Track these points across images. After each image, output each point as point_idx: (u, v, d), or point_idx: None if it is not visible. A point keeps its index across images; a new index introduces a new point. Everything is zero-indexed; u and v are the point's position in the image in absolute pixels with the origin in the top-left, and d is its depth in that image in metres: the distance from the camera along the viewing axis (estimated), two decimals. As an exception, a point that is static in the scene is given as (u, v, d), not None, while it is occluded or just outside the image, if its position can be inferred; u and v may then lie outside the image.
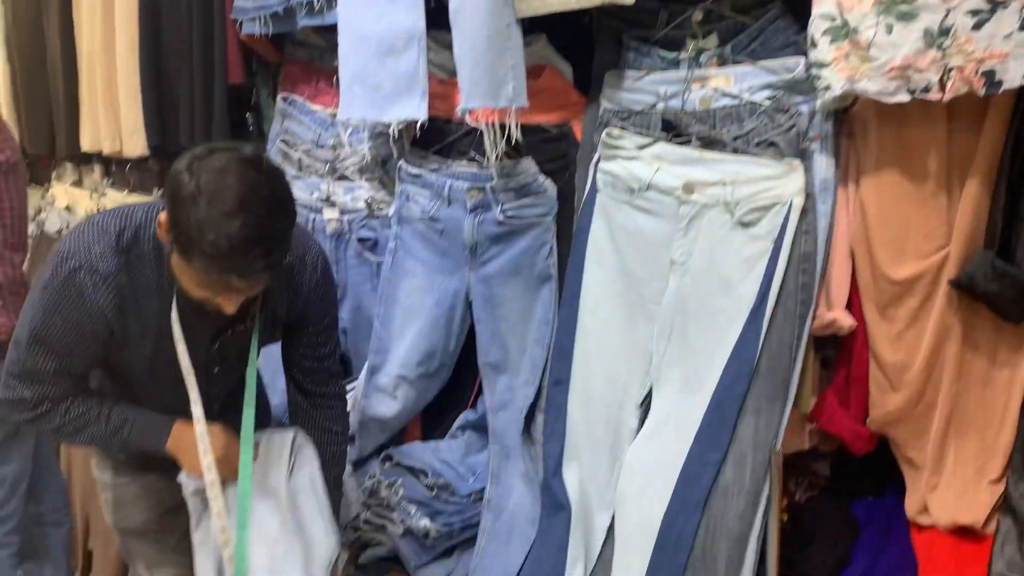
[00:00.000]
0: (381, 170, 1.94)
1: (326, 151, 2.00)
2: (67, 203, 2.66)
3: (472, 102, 1.54)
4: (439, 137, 1.81)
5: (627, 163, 1.54)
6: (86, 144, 2.41)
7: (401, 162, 1.83)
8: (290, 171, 2.01)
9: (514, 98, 1.53)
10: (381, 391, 1.90)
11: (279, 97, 2.08)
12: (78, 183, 2.67)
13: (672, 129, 1.50)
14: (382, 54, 1.72)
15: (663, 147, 1.50)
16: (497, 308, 1.77)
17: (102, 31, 2.30)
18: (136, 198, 2.45)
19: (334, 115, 1.91)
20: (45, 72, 2.54)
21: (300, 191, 1.98)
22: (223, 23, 2.07)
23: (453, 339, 1.85)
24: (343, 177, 1.98)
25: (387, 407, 1.90)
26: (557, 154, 1.70)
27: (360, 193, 1.95)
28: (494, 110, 1.56)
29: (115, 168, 2.53)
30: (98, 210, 2.52)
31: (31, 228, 2.43)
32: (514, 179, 1.69)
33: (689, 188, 1.46)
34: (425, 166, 1.79)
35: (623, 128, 1.55)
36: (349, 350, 2.06)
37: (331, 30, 1.81)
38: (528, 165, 1.68)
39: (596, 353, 1.62)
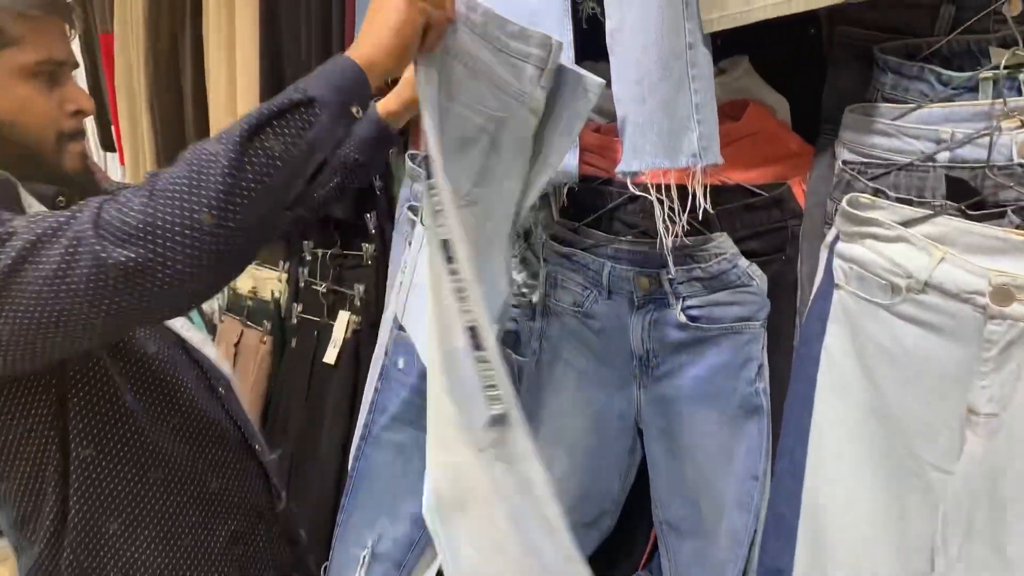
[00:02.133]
0: (524, 245, 1.50)
1: (460, 220, 1.58)
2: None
3: (637, 162, 1.05)
4: (596, 203, 1.33)
5: (885, 247, 0.97)
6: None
7: (546, 236, 1.38)
8: (416, 245, 1.61)
9: (701, 153, 1.02)
10: (523, 539, 1.43)
11: (407, 154, 1.70)
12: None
13: (967, 195, 0.92)
14: (519, 96, 1.27)
15: (950, 223, 0.92)
16: (679, 445, 1.25)
17: (226, 91, 2.07)
18: (265, 271, 2.19)
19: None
20: (184, 136, 2.37)
21: (428, 270, 1.57)
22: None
23: (618, 480, 1.35)
24: (479, 253, 1.55)
25: (531, 561, 1.43)
26: (768, 228, 1.16)
27: (496, 276, 1.51)
28: (671, 171, 1.06)
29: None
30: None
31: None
32: (702, 264, 1.17)
33: (1004, 294, 0.87)
34: (577, 242, 1.32)
35: (877, 192, 1.00)
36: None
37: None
38: (724, 244, 1.16)
39: (838, 535, 1.05)
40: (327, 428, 1.84)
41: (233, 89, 2.04)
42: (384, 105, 1.19)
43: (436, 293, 0.94)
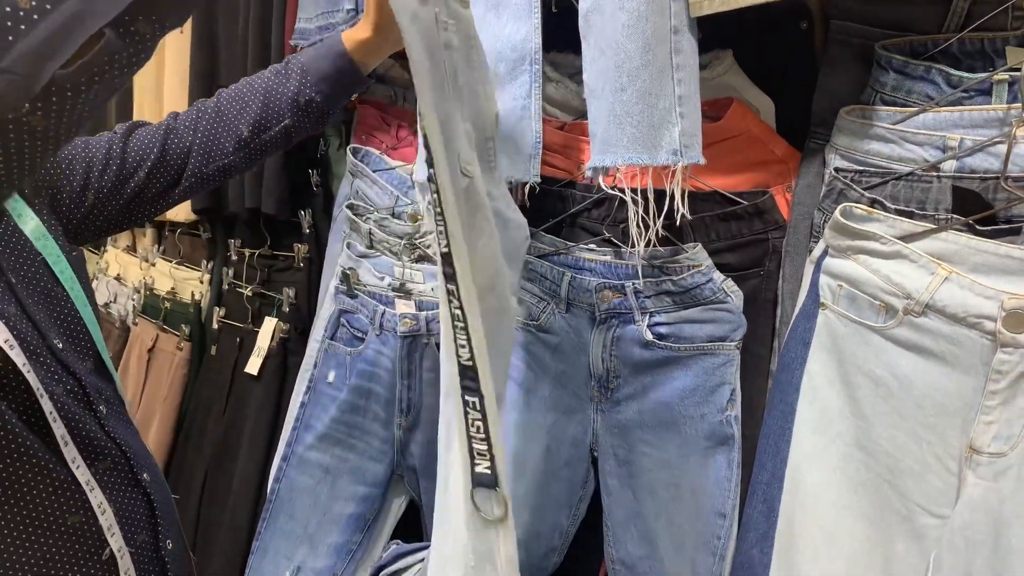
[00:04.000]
0: (474, 251, 1.37)
1: (404, 222, 1.45)
2: (118, 272, 2.26)
3: (611, 156, 0.93)
4: (557, 207, 1.21)
5: (881, 264, 0.88)
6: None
7: (500, 243, 1.25)
8: (357, 247, 1.47)
9: (682, 150, 0.91)
10: (460, 575, 1.28)
11: (348, 149, 1.56)
12: (131, 248, 2.27)
13: (976, 208, 0.83)
14: (478, 86, 1.14)
15: (957, 240, 0.83)
16: (638, 477, 1.13)
17: (154, 73, 1.89)
18: (185, 271, 2.00)
19: (419, 172, 1.37)
20: (104, 120, 2.17)
21: (368, 275, 1.44)
22: (281, 56, 1.59)
23: (567, 513, 1.22)
24: (424, 258, 1.42)
25: (467, 601, 1.29)
26: (747, 240, 1.05)
27: (443, 283, 1.37)
28: (646, 169, 0.95)
29: (167, 233, 2.10)
30: (146, 282, 2.10)
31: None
32: (674, 277, 1.06)
33: (1018, 319, 0.78)
34: (534, 249, 1.20)
35: (873, 203, 0.90)
36: (424, 507, 1.47)
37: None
38: (698, 256, 1.05)
39: (813, 583, 0.94)
40: (246, 445, 1.66)
41: (161, 68, 1.87)
42: (353, 35, 0.97)
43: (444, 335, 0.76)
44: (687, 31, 0.91)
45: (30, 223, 0.87)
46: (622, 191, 0.94)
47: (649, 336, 1.08)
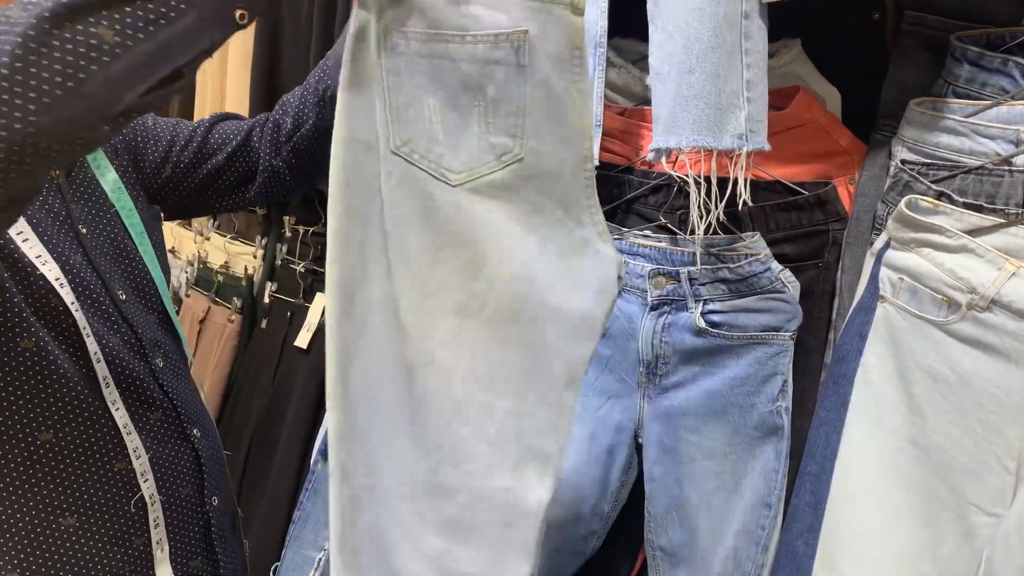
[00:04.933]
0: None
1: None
2: (172, 245, 2.31)
3: (676, 138, 0.93)
4: (613, 192, 1.21)
5: (946, 257, 0.87)
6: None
7: (554, 226, 1.26)
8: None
9: (748, 135, 0.91)
10: (498, 554, 1.30)
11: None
12: (187, 223, 2.32)
13: (1049, 202, 0.82)
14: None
15: (1027, 234, 0.82)
16: (682, 464, 1.13)
17: (218, 68, 1.93)
18: (239, 246, 2.05)
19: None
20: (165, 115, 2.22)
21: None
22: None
23: (609, 499, 1.22)
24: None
25: (504, 580, 1.30)
26: (807, 231, 1.05)
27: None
28: (709, 153, 0.95)
29: (223, 208, 2.14)
30: (200, 255, 2.15)
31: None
32: (731, 265, 1.06)
33: (1088, 316, 0.77)
34: (589, 234, 1.20)
35: (940, 196, 0.89)
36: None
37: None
38: (756, 245, 1.05)
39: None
40: (292, 415, 1.69)
41: (224, 63, 1.91)
42: None
43: None
44: (758, 17, 0.91)
45: (109, 175, 0.90)
46: (684, 175, 0.94)
47: (702, 324, 1.08)
